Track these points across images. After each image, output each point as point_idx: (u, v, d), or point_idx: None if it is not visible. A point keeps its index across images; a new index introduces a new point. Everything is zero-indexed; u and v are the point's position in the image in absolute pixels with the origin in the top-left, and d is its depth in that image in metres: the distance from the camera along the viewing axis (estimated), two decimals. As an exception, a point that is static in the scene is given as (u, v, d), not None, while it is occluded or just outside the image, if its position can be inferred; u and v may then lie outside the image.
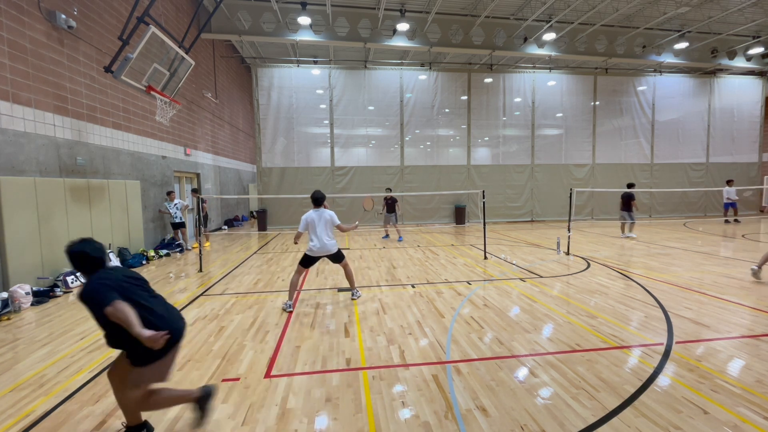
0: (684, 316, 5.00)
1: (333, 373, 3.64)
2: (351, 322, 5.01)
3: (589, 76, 17.58)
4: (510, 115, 17.23)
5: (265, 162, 15.89)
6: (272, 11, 13.23)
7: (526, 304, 5.59)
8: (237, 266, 8.70)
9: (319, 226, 5.45)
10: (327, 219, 5.49)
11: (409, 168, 16.73)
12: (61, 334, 4.78)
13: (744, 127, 18.87)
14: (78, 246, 2.52)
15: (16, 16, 6.42)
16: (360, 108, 16.25)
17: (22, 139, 6.52)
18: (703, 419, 2.83)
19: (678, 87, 18.24)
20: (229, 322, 5.09)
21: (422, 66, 16.73)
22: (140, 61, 7.14)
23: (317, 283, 7.05)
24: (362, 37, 14.01)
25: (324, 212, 5.51)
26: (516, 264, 8.44)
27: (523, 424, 2.82)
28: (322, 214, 5.49)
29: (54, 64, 7.23)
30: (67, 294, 6.64)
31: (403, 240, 12.33)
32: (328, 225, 5.51)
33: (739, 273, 7.23)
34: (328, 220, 5.50)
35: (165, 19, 11.16)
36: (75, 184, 7.56)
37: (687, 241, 11.05)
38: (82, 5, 7.98)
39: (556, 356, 3.89)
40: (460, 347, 4.15)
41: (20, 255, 6.27)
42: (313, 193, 5.59)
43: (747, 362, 3.71)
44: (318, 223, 5.46)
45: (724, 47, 16.88)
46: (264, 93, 15.64)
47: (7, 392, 3.41)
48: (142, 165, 10.20)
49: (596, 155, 17.81)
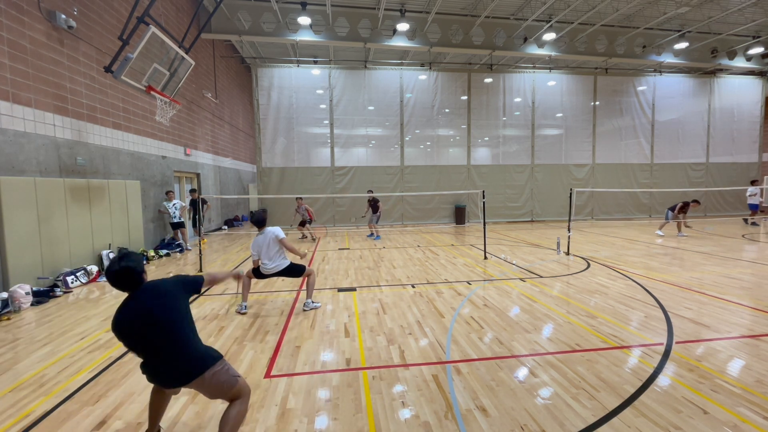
0: (684, 316, 5.00)
1: (333, 373, 3.64)
2: (351, 322, 5.01)
3: (589, 76, 17.58)
4: (510, 115, 17.23)
5: (265, 162, 15.89)
6: (272, 11, 13.23)
7: (526, 304, 5.59)
8: (237, 266, 8.70)
9: (264, 247, 5.28)
10: (271, 238, 5.28)
11: (409, 168, 16.73)
12: (61, 334, 4.78)
13: (744, 127, 18.87)
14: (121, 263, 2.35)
15: (16, 16, 6.42)
16: (360, 108, 16.25)
17: (22, 139, 6.52)
18: (703, 419, 2.83)
19: (678, 87, 18.23)
20: (229, 322, 5.09)
21: (422, 66, 16.73)
22: (140, 61, 7.14)
23: (317, 283, 7.05)
24: (362, 37, 14.01)
25: (267, 233, 5.30)
26: (516, 264, 8.44)
27: (523, 424, 2.82)
28: (267, 235, 5.30)
29: (54, 64, 7.23)
30: (67, 294, 6.64)
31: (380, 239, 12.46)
32: (272, 244, 5.29)
33: (739, 273, 7.23)
34: (271, 238, 5.28)
35: (165, 19, 11.16)
36: (75, 184, 7.56)
37: (687, 241, 11.05)
38: (82, 5, 7.98)
39: (556, 356, 3.89)
40: (460, 347, 4.15)
41: (20, 255, 6.27)
42: (251, 217, 5.39)
43: (747, 362, 3.71)
44: (262, 244, 5.29)
45: (724, 47, 16.88)
46: (264, 93, 15.64)
47: (7, 392, 3.41)
48: (142, 165, 10.20)
49: (596, 155, 17.80)
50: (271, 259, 5.29)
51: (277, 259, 5.30)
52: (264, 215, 5.44)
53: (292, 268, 5.41)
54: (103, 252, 8.05)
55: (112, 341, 4.49)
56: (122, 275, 2.33)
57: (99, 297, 6.45)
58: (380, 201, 13.00)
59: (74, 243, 7.48)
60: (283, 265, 5.32)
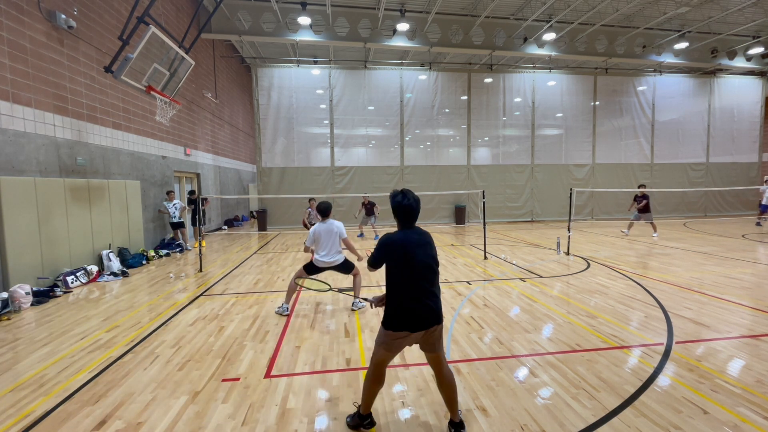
0: (684, 316, 5.00)
1: (333, 373, 3.64)
2: (351, 322, 5.01)
3: (589, 76, 17.58)
4: (510, 115, 17.23)
5: (265, 162, 15.90)
6: (272, 11, 13.23)
7: (526, 304, 5.59)
8: (237, 266, 8.70)
9: (326, 239, 5.29)
10: (335, 232, 5.31)
11: (409, 168, 16.73)
12: (61, 334, 4.78)
13: (744, 127, 18.88)
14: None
15: (16, 16, 6.42)
16: (360, 108, 16.26)
17: (22, 139, 6.52)
18: (703, 419, 2.83)
19: (678, 87, 18.23)
20: (229, 322, 5.09)
21: (422, 66, 16.73)
22: (140, 61, 7.14)
23: (316, 284, 7.03)
24: (362, 37, 14.01)
25: (332, 224, 5.33)
26: (516, 264, 8.44)
27: (523, 424, 2.82)
28: (330, 226, 5.31)
29: (54, 64, 7.23)
30: (67, 294, 6.64)
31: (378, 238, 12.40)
32: (335, 238, 5.34)
33: (739, 273, 7.23)
34: (335, 232, 5.32)
35: (165, 19, 11.16)
36: (75, 184, 7.56)
37: (687, 241, 11.05)
38: (82, 5, 7.98)
39: (556, 356, 3.89)
40: (460, 347, 4.15)
41: (20, 255, 6.27)
42: (319, 204, 5.40)
43: (747, 362, 3.71)
44: (325, 235, 5.30)
45: (724, 47, 16.88)
46: (264, 93, 15.64)
47: (7, 392, 3.41)
48: (142, 165, 10.20)
49: (596, 155, 17.81)
50: (329, 251, 5.30)
51: (335, 254, 5.33)
52: (330, 205, 5.44)
53: (346, 265, 5.50)
54: (103, 252, 8.05)
55: (112, 341, 4.49)
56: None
57: (99, 297, 6.45)
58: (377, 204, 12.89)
59: (74, 243, 7.47)
60: (340, 259, 5.40)
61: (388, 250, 2.66)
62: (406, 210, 2.69)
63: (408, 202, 2.69)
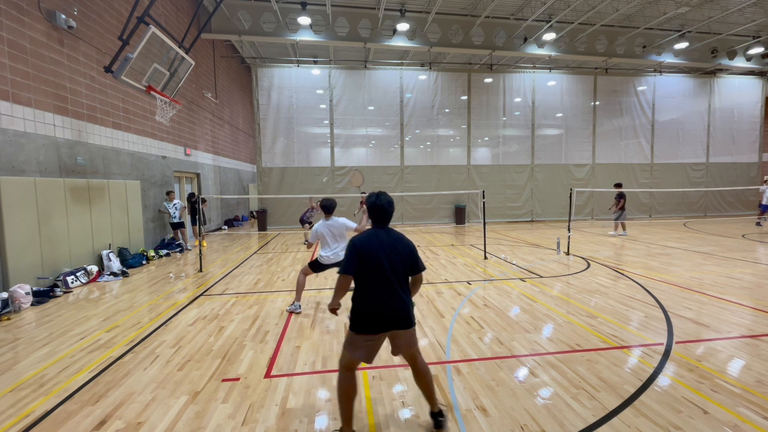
0: (684, 316, 5.00)
1: (333, 373, 3.63)
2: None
3: (589, 76, 17.58)
4: (510, 115, 17.23)
5: (265, 162, 15.90)
6: (272, 11, 13.23)
7: (526, 304, 5.59)
8: (237, 266, 8.70)
9: (331, 237, 5.27)
10: (339, 228, 5.27)
11: (409, 168, 16.73)
12: (61, 334, 4.78)
13: (744, 127, 18.87)
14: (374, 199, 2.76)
15: (16, 16, 6.42)
16: (360, 108, 16.26)
17: (22, 139, 6.52)
18: (703, 419, 2.83)
19: (678, 87, 18.23)
20: (229, 322, 5.09)
21: (422, 66, 16.73)
22: (140, 61, 7.14)
23: (317, 283, 7.05)
24: (362, 37, 14.01)
25: (336, 222, 5.29)
26: (516, 264, 8.44)
27: (523, 424, 2.81)
28: (334, 224, 5.28)
29: (54, 64, 7.23)
30: (67, 294, 6.64)
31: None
32: (340, 234, 5.31)
33: (739, 273, 7.23)
34: (340, 229, 5.28)
35: (165, 19, 11.16)
36: (75, 184, 7.56)
37: (687, 241, 11.05)
38: (82, 5, 7.98)
39: (556, 356, 3.89)
40: (460, 347, 4.15)
41: (20, 255, 6.27)
42: (323, 201, 5.35)
43: (747, 362, 3.71)
44: (329, 233, 5.27)
45: (724, 47, 16.88)
46: (264, 93, 15.64)
47: (7, 392, 3.41)
48: (142, 165, 10.20)
49: (596, 155, 17.80)
50: (333, 249, 5.27)
51: (340, 252, 5.25)
52: (335, 202, 5.40)
53: None
54: (103, 252, 8.05)
55: (112, 341, 4.49)
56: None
57: (99, 297, 6.45)
58: None
59: (74, 243, 7.47)
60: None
61: (357, 252, 2.64)
62: (378, 209, 2.75)
63: (380, 203, 2.75)
